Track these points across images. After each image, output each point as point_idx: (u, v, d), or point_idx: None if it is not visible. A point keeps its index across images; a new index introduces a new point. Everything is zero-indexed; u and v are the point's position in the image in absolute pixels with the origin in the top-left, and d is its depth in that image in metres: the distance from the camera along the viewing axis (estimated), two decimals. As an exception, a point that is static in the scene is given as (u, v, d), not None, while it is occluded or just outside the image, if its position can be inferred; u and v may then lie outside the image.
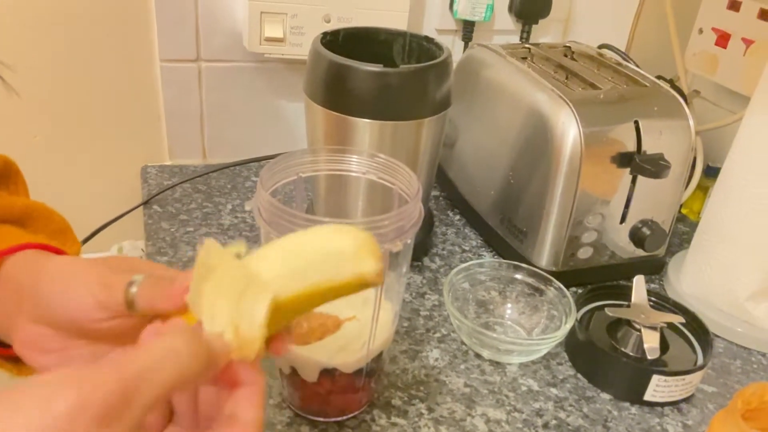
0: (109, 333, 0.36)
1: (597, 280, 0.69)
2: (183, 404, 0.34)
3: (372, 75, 0.59)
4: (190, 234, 0.73)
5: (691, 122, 0.68)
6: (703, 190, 0.87)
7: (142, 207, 0.78)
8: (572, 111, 0.64)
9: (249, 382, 0.31)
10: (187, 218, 0.76)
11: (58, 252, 0.41)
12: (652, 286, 0.73)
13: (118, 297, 0.35)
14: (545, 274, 0.64)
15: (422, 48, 0.68)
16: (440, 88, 0.62)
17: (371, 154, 0.50)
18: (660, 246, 0.71)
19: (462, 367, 0.59)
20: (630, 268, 0.71)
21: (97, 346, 0.37)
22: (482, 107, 0.77)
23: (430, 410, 0.54)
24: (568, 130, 0.64)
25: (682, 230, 0.85)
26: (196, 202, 0.79)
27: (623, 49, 0.90)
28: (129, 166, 0.87)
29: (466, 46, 0.89)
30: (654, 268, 0.74)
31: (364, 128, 0.61)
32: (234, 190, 0.82)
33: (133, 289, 0.35)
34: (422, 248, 0.74)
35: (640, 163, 0.63)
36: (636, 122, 0.65)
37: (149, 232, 0.73)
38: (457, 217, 0.83)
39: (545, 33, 0.95)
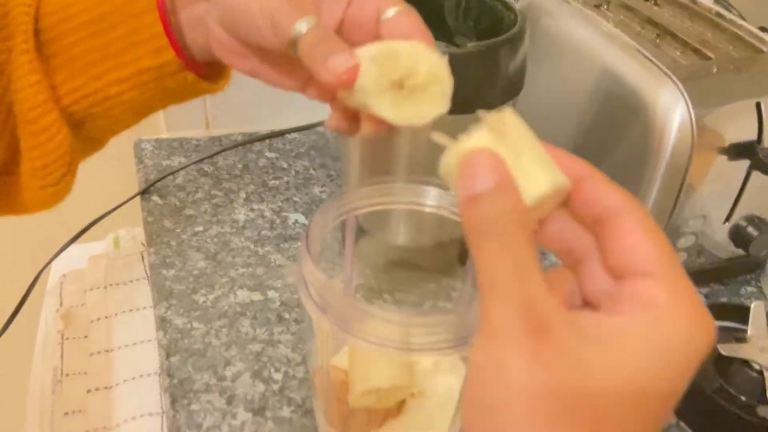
0: (285, 67, 0.39)
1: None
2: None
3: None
4: (200, 236, 0.61)
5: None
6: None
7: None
8: (680, 90, 0.50)
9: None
10: (194, 213, 0.64)
11: None
12: (749, 289, 0.62)
13: (287, 32, 0.35)
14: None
15: (482, 5, 0.53)
16: (514, 67, 0.48)
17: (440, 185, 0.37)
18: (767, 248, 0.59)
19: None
20: (724, 270, 0.60)
21: (281, 79, 0.40)
22: (541, 69, 0.62)
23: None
24: (673, 115, 0.50)
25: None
26: (203, 190, 0.67)
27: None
28: (120, 139, 0.73)
29: (519, -15, 0.73)
30: (749, 267, 0.63)
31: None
32: (246, 171, 0.70)
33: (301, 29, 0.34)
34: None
35: (762, 159, 0.50)
36: (758, 104, 0.51)
37: (150, 233, 0.61)
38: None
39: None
